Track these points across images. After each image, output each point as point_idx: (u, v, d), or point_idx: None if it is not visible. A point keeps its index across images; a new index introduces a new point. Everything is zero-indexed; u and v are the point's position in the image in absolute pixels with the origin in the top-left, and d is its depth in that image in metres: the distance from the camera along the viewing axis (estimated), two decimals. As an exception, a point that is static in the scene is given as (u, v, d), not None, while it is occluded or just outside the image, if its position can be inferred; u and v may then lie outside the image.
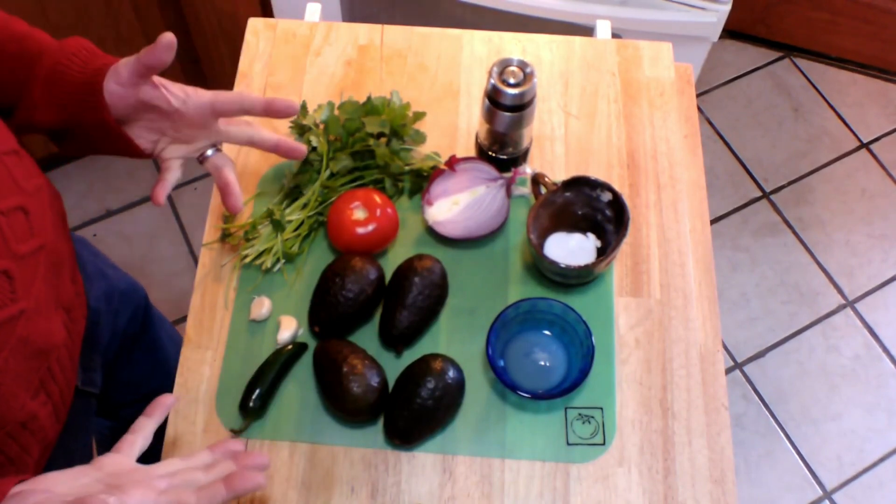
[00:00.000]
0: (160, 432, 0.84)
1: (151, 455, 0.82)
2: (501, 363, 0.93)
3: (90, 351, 1.00)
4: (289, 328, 0.96)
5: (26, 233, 0.77)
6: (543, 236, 1.00)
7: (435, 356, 0.91)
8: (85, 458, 0.99)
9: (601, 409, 0.93)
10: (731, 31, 2.41)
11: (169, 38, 0.80)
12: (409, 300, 0.93)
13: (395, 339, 0.94)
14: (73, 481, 0.68)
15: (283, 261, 1.00)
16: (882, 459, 1.90)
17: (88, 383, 1.00)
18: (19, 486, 0.67)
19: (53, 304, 0.83)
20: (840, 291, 2.09)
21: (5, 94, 0.86)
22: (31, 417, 0.81)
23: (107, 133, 0.85)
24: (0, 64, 0.85)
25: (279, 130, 1.09)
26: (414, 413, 0.88)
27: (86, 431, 1.02)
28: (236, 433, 0.91)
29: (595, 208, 1.00)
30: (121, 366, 1.15)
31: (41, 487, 0.66)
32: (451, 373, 0.89)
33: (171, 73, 1.98)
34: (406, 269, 0.95)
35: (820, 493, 1.86)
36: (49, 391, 0.84)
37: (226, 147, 1.07)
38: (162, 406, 0.79)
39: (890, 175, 2.25)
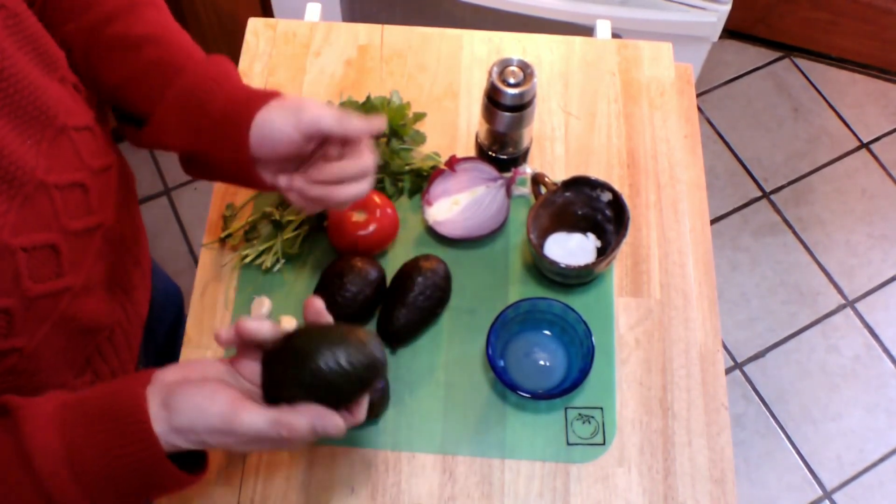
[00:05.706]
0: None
1: None
2: (501, 363, 0.93)
3: (150, 339, 1.01)
4: (289, 328, 0.96)
5: (82, 210, 0.75)
6: (543, 236, 1.00)
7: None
8: None
9: (601, 409, 0.93)
10: (731, 31, 2.41)
11: None
12: (410, 299, 0.93)
13: (391, 336, 0.94)
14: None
15: (283, 261, 1.00)
16: (882, 459, 1.89)
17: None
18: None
19: (107, 284, 0.82)
20: (840, 291, 2.09)
21: (136, 103, 0.80)
22: None
23: (238, 168, 0.79)
24: (134, 67, 0.79)
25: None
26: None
27: None
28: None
29: (595, 208, 1.00)
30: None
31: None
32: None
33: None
34: (410, 269, 0.95)
35: (820, 493, 1.86)
36: (98, 370, 0.83)
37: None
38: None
39: (890, 175, 2.25)
